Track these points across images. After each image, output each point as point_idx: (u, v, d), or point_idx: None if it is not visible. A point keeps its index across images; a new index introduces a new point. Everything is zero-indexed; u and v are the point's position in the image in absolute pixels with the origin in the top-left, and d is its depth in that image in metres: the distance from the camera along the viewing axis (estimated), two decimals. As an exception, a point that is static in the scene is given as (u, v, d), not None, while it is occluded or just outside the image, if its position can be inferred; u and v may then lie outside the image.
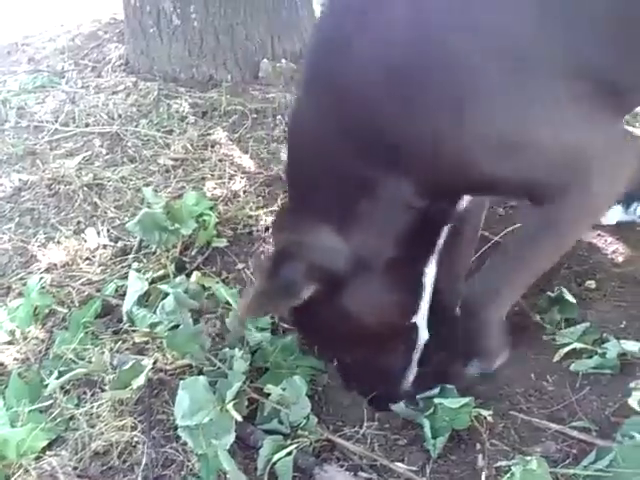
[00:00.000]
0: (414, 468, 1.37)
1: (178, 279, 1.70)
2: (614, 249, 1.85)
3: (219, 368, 1.51)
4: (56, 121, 2.51)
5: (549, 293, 1.64)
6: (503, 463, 1.33)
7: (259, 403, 1.48)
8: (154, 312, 1.63)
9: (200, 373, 1.51)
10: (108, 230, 2.00)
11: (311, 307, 1.32)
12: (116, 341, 1.63)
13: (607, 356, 1.48)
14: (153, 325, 1.61)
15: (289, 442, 1.39)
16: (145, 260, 1.88)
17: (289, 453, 1.36)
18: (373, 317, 1.37)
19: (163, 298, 1.65)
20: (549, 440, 1.39)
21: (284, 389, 1.45)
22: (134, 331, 1.62)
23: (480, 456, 1.38)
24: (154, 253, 1.88)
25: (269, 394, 1.45)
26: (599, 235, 1.91)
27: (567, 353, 1.52)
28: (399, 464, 1.37)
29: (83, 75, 2.83)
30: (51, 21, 3.44)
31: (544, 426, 1.41)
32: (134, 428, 1.45)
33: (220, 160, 2.22)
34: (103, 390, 1.53)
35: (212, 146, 2.30)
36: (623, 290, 1.70)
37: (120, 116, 2.49)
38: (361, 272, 1.32)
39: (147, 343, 1.61)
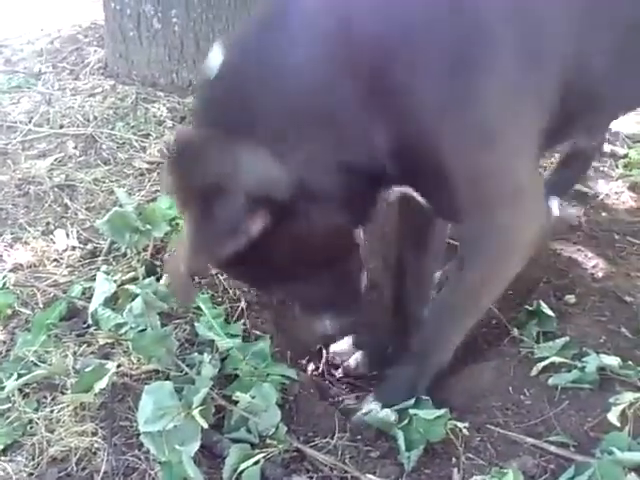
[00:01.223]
0: (386, 481, 1.31)
1: (147, 281, 1.64)
2: (594, 264, 1.84)
3: (186, 374, 1.46)
4: (30, 122, 2.45)
5: (527, 307, 1.61)
6: (479, 478, 1.28)
7: (227, 411, 1.42)
8: (121, 314, 1.57)
9: (167, 379, 1.45)
10: (78, 232, 1.94)
11: (256, 243, 1.19)
12: (80, 344, 1.57)
13: (586, 370, 1.45)
14: (118, 326, 1.55)
15: (257, 451, 1.33)
16: (114, 263, 1.82)
17: (256, 462, 1.30)
18: (323, 242, 1.30)
19: (132, 300, 1.59)
20: (526, 455, 1.34)
21: (253, 397, 1.39)
22: (99, 333, 1.56)
23: (455, 470, 1.34)
24: (124, 255, 1.82)
25: (237, 402, 1.40)
26: (579, 250, 1.90)
27: (545, 367, 1.49)
28: (371, 476, 1.32)
29: (60, 77, 2.78)
30: (31, 25, 3.38)
31: (521, 440, 1.38)
32: (95, 434, 1.38)
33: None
34: (64, 394, 1.46)
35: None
36: (602, 305, 1.69)
37: (96, 118, 2.44)
38: (305, 201, 1.21)
39: (112, 347, 1.55)
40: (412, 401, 1.42)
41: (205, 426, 1.32)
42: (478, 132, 1.19)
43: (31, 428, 1.40)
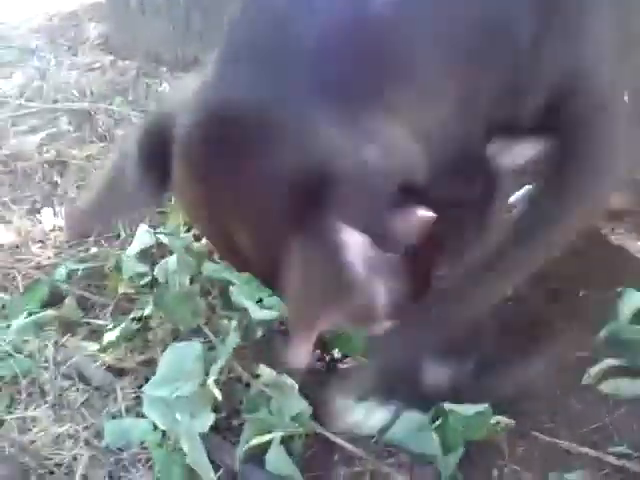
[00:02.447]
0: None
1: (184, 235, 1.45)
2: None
3: (210, 341, 1.27)
4: (21, 96, 2.27)
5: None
6: (526, 493, 1.08)
7: (245, 386, 1.23)
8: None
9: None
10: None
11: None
12: (63, 333, 1.37)
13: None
14: (140, 276, 1.38)
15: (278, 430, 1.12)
16: (106, 244, 1.63)
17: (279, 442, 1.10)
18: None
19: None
20: (581, 467, 1.14)
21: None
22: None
23: (497, 483, 1.13)
24: (118, 237, 1.63)
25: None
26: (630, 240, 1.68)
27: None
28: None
29: (57, 53, 2.59)
30: (28, 2, 3.21)
31: (575, 450, 1.17)
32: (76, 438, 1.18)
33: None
34: (43, 390, 1.27)
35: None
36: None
37: (93, 93, 2.26)
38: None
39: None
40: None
41: (219, 398, 1.13)
42: None
43: (3, 430, 1.21)
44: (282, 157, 0.74)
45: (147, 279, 1.39)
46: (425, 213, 0.78)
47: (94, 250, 1.60)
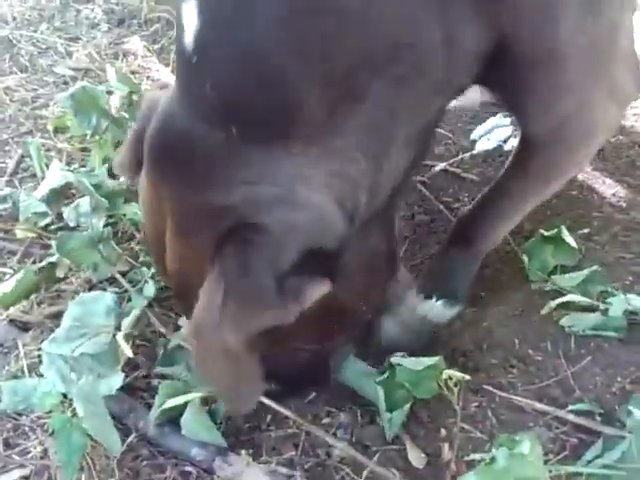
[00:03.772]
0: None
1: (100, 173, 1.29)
2: (614, 192, 1.50)
3: (126, 291, 1.14)
4: None
5: (543, 231, 1.27)
6: (477, 456, 0.96)
7: (161, 339, 1.10)
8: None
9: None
10: (-20, 148, 1.57)
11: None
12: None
13: (610, 314, 1.13)
14: (40, 217, 1.22)
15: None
16: (20, 184, 1.46)
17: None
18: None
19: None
20: (539, 426, 1.04)
21: None
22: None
23: (446, 446, 1.02)
24: (33, 176, 1.46)
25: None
26: (596, 177, 1.56)
27: (560, 307, 1.17)
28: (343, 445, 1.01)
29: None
30: None
31: (531, 407, 1.06)
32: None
33: (133, 72, 1.78)
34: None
35: (125, 55, 1.87)
36: (628, 239, 1.35)
37: (15, 19, 2.04)
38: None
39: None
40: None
41: (129, 355, 1.00)
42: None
43: None
44: (205, 196, 0.78)
45: (47, 219, 1.22)
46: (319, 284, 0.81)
47: (6, 191, 1.42)
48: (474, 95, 1.04)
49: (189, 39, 0.76)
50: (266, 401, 1.04)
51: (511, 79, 0.93)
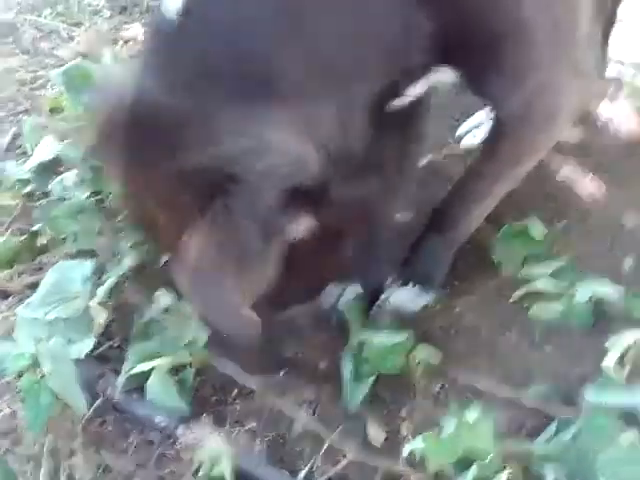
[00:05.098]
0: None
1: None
2: (594, 187, 1.51)
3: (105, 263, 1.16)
4: (-58, 4, 2.09)
5: (511, 224, 1.29)
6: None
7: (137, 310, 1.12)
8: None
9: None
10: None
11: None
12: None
13: (576, 300, 1.14)
14: (23, 184, 1.24)
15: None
16: (18, 161, 1.50)
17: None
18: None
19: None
20: (497, 408, 1.05)
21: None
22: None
23: (405, 425, 1.04)
24: (24, 153, 1.49)
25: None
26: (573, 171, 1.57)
27: (530, 297, 1.18)
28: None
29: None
30: None
31: (493, 391, 1.09)
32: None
33: (132, 57, 1.82)
34: None
35: (125, 42, 1.91)
36: (603, 233, 1.36)
37: (19, 4, 2.08)
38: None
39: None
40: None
41: (100, 322, 1.02)
42: None
43: None
44: (188, 157, 0.82)
45: (30, 187, 1.25)
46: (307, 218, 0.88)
47: (-1, 164, 1.46)
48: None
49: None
50: (233, 375, 1.07)
51: (476, 56, 0.95)
